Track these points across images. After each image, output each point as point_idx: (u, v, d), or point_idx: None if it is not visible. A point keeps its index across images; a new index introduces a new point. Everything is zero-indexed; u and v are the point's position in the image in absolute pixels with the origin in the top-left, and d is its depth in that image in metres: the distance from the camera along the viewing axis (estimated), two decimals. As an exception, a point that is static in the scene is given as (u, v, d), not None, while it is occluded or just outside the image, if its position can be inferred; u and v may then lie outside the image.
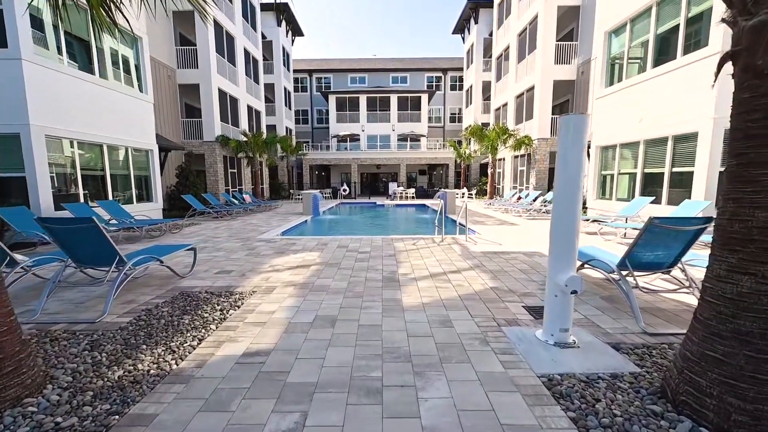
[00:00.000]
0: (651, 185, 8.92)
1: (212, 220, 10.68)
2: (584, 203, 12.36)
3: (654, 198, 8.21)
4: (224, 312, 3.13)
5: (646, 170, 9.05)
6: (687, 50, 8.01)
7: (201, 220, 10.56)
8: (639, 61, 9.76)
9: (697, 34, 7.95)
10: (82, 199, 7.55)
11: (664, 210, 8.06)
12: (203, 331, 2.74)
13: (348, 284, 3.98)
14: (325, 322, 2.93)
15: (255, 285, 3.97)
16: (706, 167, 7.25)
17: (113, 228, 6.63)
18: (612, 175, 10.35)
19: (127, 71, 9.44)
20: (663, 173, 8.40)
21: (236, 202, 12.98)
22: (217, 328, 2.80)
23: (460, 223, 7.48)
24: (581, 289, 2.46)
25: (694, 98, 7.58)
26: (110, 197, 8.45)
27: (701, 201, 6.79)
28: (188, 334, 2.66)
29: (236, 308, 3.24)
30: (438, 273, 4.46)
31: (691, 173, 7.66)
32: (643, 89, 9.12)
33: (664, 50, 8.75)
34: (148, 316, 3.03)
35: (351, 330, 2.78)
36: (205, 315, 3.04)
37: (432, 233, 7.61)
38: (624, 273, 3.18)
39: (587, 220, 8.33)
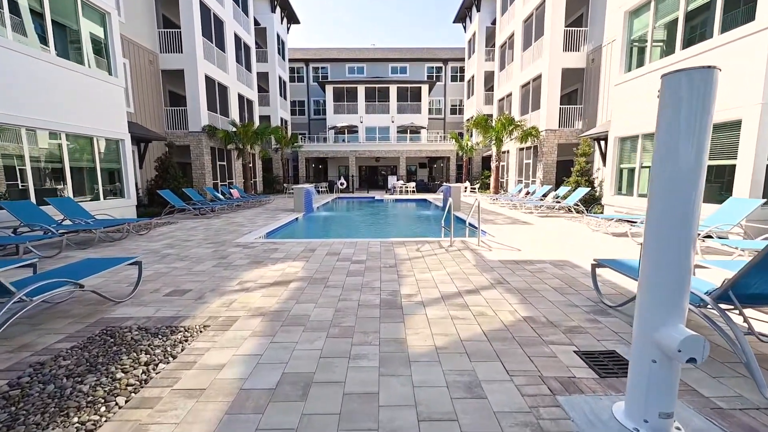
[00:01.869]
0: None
1: (193, 218, 9.68)
2: (598, 199, 11.43)
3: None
4: (151, 367, 2.17)
5: (676, 164, 8.08)
6: (726, 27, 7.00)
7: (180, 218, 9.56)
8: (664, 43, 8.73)
9: (737, 8, 6.93)
10: (33, 197, 6.53)
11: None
12: (103, 408, 1.78)
13: (335, 313, 3.02)
14: (293, 387, 1.98)
15: (211, 315, 3.00)
16: (752, 160, 6.29)
17: (63, 230, 5.62)
18: (633, 169, 9.39)
19: (93, 51, 8.32)
20: (697, 167, 7.44)
21: (222, 197, 11.95)
22: (127, 401, 1.84)
23: (470, 224, 6.52)
24: (704, 356, 1.51)
25: (736, 82, 6.59)
26: (71, 193, 7.43)
27: (750, 199, 5.85)
28: (75, 418, 1.70)
29: (171, 358, 2.27)
30: (451, 294, 3.51)
31: (733, 167, 6.70)
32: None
33: (697, 29, 7.73)
34: (34, 377, 2.06)
35: (331, 405, 1.82)
36: (120, 374, 2.08)
37: (437, 235, 6.66)
38: (726, 308, 2.24)
39: (611, 219, 7.38)
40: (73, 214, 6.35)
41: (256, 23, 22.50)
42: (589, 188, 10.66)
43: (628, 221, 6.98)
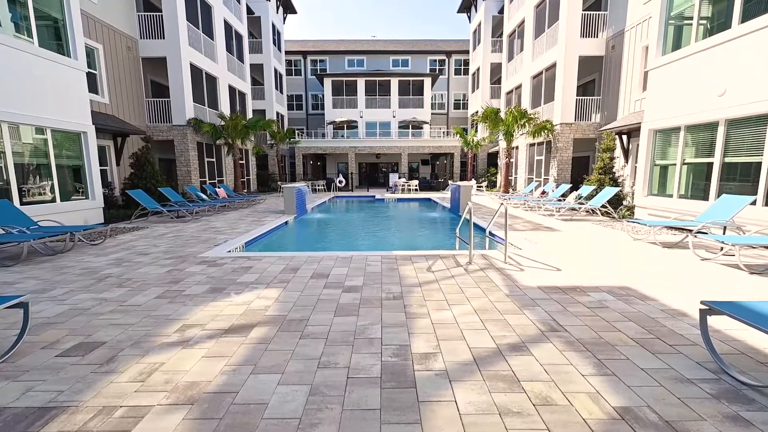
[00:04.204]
0: (734, 179, 6.79)
1: (169, 221, 8.53)
2: (621, 199, 10.23)
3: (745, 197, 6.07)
4: None
5: (728, 159, 6.89)
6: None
7: (154, 222, 8.41)
8: (709, 19, 7.52)
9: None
10: (-41, 199, 5.39)
11: (765, 213, 5.94)
12: None
13: (307, 399, 1.87)
14: None
15: (106, 403, 1.85)
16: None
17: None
18: (672, 166, 8.19)
19: (46, 28, 7.15)
20: (759, 163, 6.23)
21: (206, 197, 10.78)
22: None
23: (490, 233, 5.35)
24: None
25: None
26: (15, 195, 6.28)
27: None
28: None
29: None
30: (487, 353, 2.36)
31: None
32: (724, 53, 6.88)
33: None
34: None
35: None
36: None
37: (449, 244, 5.51)
38: None
39: (657, 226, 6.17)
40: (6, 221, 5.21)
41: (250, 11, 21.25)
42: (618, 188, 9.46)
43: (683, 229, 5.79)
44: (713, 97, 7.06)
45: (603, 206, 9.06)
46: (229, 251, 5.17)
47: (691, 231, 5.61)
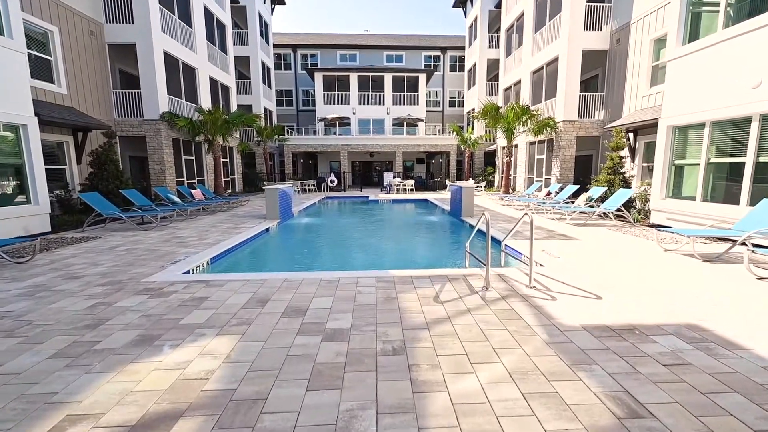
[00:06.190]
0: (768, 180, 6.07)
1: (131, 228, 7.43)
2: (631, 202, 9.49)
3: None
4: None
5: (763, 158, 6.15)
6: None
7: (113, 229, 7.30)
8: (741, 2, 6.77)
9: None
10: None
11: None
12: None
13: None
14: None
15: None
16: None
17: None
18: (694, 166, 7.45)
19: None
20: (804, 164, 5.51)
21: (177, 200, 9.65)
22: None
23: (507, 247, 4.46)
24: None
25: None
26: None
27: None
28: None
29: None
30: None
31: None
32: (759, 40, 6.13)
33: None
34: None
35: None
36: None
37: (456, 257, 4.61)
38: None
39: (691, 236, 5.36)
40: None
41: (234, 1, 19.99)
42: (632, 190, 8.71)
43: (722, 238, 5.00)
44: (745, 90, 6.30)
45: (618, 210, 8.30)
46: (187, 271, 4.17)
47: (734, 241, 4.84)
